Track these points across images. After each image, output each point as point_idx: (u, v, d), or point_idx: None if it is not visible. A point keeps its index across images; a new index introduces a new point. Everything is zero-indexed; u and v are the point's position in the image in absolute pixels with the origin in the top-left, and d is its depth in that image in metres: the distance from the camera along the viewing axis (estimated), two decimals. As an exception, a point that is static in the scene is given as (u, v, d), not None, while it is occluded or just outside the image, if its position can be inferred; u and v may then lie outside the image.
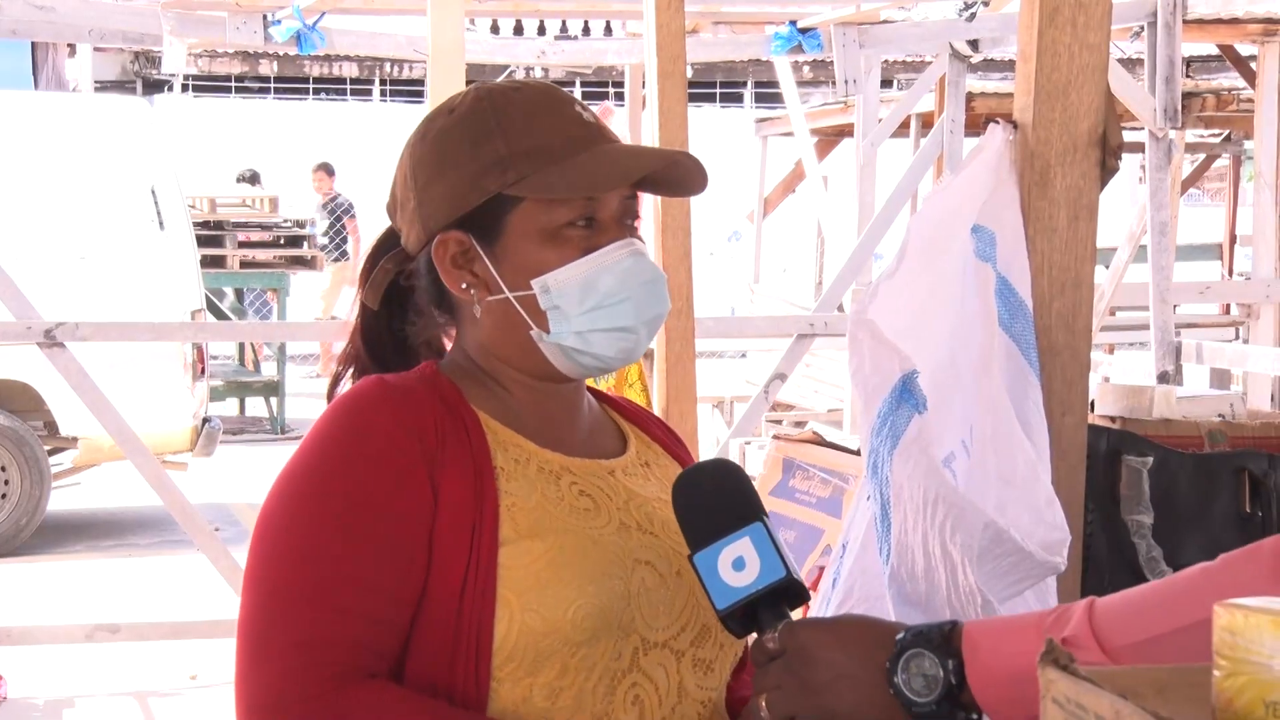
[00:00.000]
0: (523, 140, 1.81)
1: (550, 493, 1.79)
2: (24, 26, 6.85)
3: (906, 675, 1.56)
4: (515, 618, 1.71)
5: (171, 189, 9.97)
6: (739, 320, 10.08)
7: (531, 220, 1.81)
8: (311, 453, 1.76)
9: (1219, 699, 1.14)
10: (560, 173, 1.79)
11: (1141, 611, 1.52)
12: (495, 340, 1.85)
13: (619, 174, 1.81)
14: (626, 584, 1.76)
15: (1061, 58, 2.36)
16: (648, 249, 1.86)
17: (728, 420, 10.12)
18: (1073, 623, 1.53)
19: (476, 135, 1.83)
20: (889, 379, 2.13)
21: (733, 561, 1.63)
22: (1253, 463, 2.93)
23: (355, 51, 8.47)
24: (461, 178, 1.82)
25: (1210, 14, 7.76)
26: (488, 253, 1.82)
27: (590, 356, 1.82)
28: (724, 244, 19.20)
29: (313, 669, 1.67)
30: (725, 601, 1.63)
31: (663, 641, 1.79)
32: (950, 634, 1.57)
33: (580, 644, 1.73)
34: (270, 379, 13.96)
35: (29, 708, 6.40)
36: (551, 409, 1.87)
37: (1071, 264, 2.38)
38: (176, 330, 8.53)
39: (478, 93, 1.87)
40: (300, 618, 1.68)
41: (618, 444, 1.94)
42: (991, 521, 2.05)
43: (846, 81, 7.51)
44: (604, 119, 1.95)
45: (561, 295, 1.80)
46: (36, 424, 9.45)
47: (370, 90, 21.95)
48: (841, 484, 3.79)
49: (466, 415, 1.80)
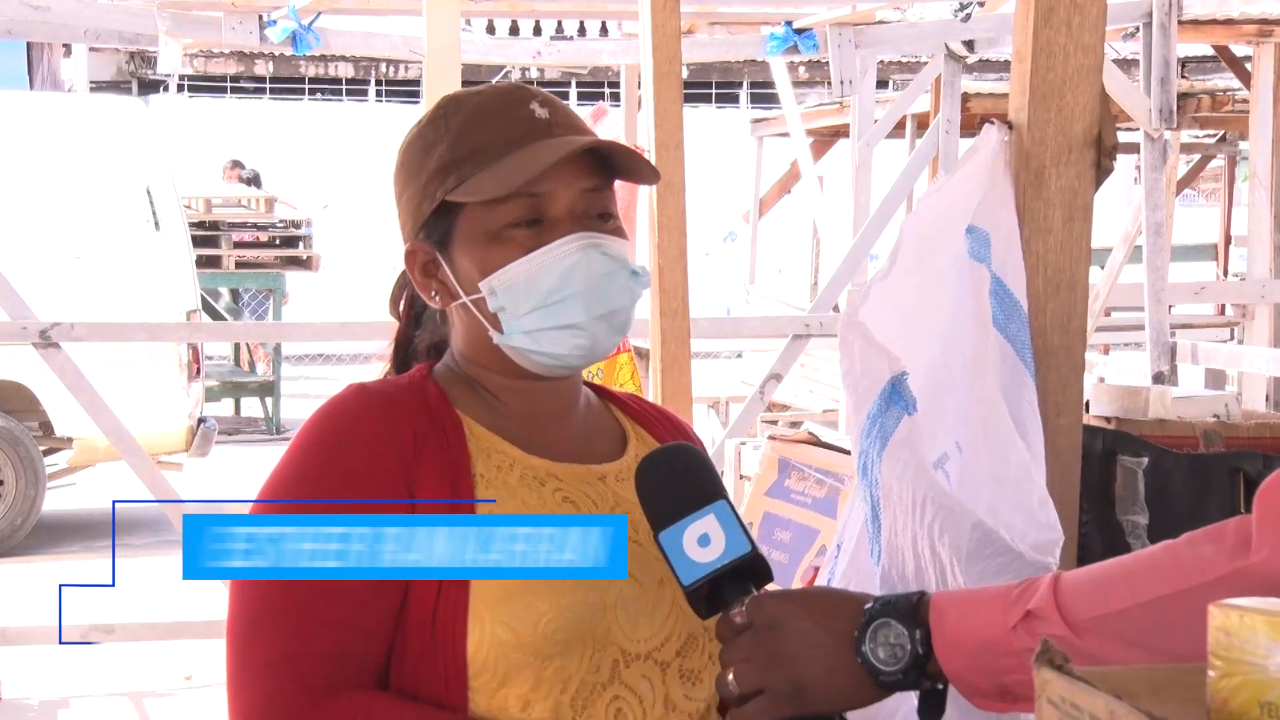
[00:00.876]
0: (464, 144, 1.81)
1: (531, 500, 1.78)
2: (19, 26, 6.84)
3: (874, 644, 1.57)
4: (486, 629, 1.70)
5: (167, 189, 9.97)
6: (734, 321, 10.08)
7: (475, 223, 1.80)
8: (291, 462, 1.77)
9: (1214, 699, 1.14)
10: (492, 173, 1.78)
11: (1105, 586, 1.53)
12: (467, 345, 1.86)
13: (536, 167, 1.77)
14: (602, 596, 1.75)
15: (1057, 58, 2.36)
16: (623, 242, 1.83)
17: (723, 421, 10.12)
18: (1038, 595, 1.54)
19: (428, 143, 1.84)
20: (878, 381, 2.13)
21: (698, 538, 1.63)
22: (1248, 463, 2.93)
23: (351, 52, 8.47)
24: (417, 187, 1.84)
25: (1205, 15, 7.77)
26: (446, 259, 1.83)
27: (543, 355, 1.81)
28: (719, 244, 19.21)
29: (299, 682, 1.67)
30: (691, 577, 1.63)
31: (645, 653, 1.78)
32: (918, 604, 1.57)
33: (551, 656, 1.71)
34: (265, 379, 13.96)
35: (24, 708, 6.40)
36: (540, 411, 1.86)
37: (1066, 264, 2.38)
38: (172, 331, 8.52)
39: (443, 100, 1.89)
40: (281, 629, 1.69)
41: (615, 447, 1.92)
42: (980, 522, 2.05)
43: (842, 82, 7.50)
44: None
45: (506, 296, 1.79)
46: (31, 424, 9.45)
47: (365, 91, 21.95)
48: (837, 484, 3.79)
49: (449, 422, 1.80)
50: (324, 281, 15.35)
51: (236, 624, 1.72)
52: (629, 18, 8.50)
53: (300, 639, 1.68)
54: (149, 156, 10.01)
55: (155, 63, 9.51)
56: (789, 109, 8.95)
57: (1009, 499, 2.17)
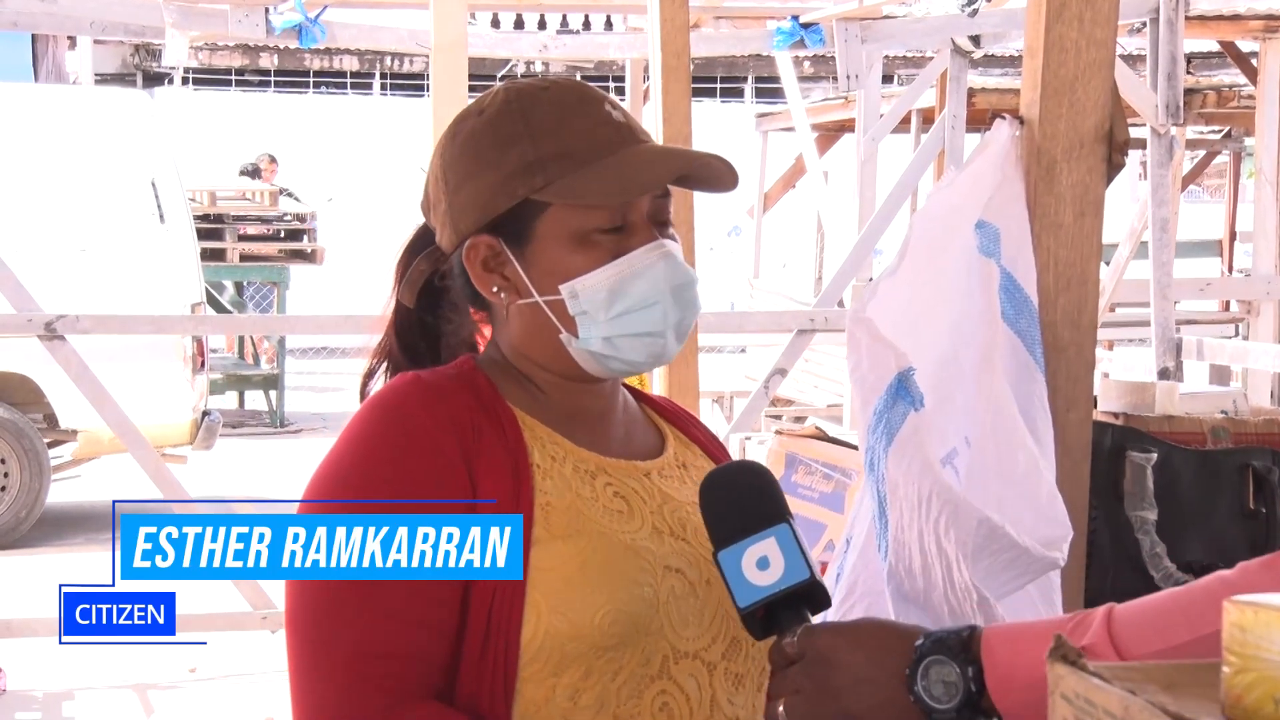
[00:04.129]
0: (551, 143, 1.78)
1: (585, 493, 1.78)
2: (25, 19, 6.84)
3: (927, 682, 1.57)
4: (542, 619, 1.70)
5: (172, 182, 9.97)
6: (739, 315, 10.08)
7: (561, 225, 1.78)
8: (353, 448, 1.75)
9: (1228, 695, 1.13)
10: (589, 177, 1.77)
11: (1160, 621, 1.52)
12: (526, 342, 1.84)
13: (649, 179, 1.78)
14: (656, 590, 1.75)
15: (1069, 53, 2.36)
16: (679, 249, 1.83)
17: (727, 415, 10.13)
18: (1091, 630, 1.54)
19: (504, 138, 1.80)
20: (885, 376, 2.13)
21: (757, 560, 1.63)
22: (1256, 459, 2.93)
23: (356, 45, 8.47)
24: (490, 182, 1.80)
25: (1212, 10, 7.77)
26: (517, 257, 1.81)
27: (619, 361, 1.80)
28: (724, 239, 19.21)
29: (370, 683, 1.66)
30: (748, 600, 1.63)
31: (693, 652, 1.77)
32: (969, 640, 1.58)
33: (607, 649, 1.71)
34: (270, 372, 13.97)
35: (29, 700, 6.40)
36: (587, 408, 1.86)
37: (1077, 260, 2.38)
38: (176, 323, 8.53)
39: (507, 93, 1.85)
40: (352, 625, 1.68)
41: (655, 445, 1.92)
42: (986, 518, 2.05)
43: (848, 77, 7.50)
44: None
45: (590, 300, 1.78)
46: (36, 417, 9.45)
47: (370, 84, 21.95)
48: (844, 479, 3.79)
49: (502, 411, 1.79)
50: (328, 274, 15.36)
51: (306, 620, 1.70)
52: (634, 11, 8.50)
53: (382, 637, 1.67)
54: (154, 149, 10.01)
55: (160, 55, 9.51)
56: (794, 103, 8.96)
57: (1018, 494, 2.17)
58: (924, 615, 2.09)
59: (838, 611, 2.26)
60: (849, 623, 1.73)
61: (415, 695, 1.68)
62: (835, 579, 2.38)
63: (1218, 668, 1.15)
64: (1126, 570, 2.82)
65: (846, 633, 1.64)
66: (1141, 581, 2.77)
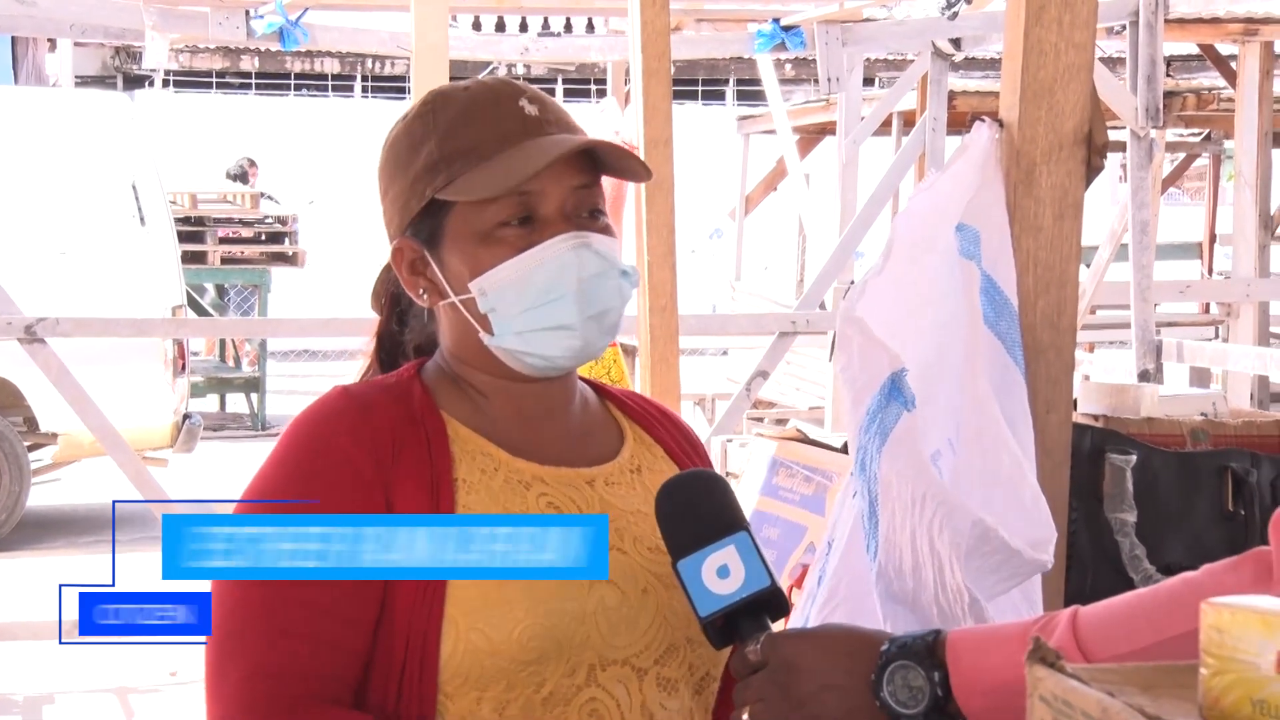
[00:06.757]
0: (453, 142, 1.78)
1: (514, 506, 1.75)
2: (4, 21, 6.83)
3: (893, 687, 1.56)
4: (461, 637, 1.68)
5: (152, 184, 9.95)
6: (720, 318, 10.08)
7: (466, 223, 1.78)
8: (272, 469, 1.75)
9: (1206, 697, 1.14)
10: (483, 172, 1.76)
11: (1125, 623, 1.52)
12: (455, 344, 1.83)
13: (530, 167, 1.74)
14: (582, 604, 1.72)
15: (1048, 56, 2.36)
16: (612, 240, 1.80)
17: (709, 418, 10.13)
18: (1057, 633, 1.54)
19: (416, 141, 1.81)
20: (878, 376, 2.12)
21: (717, 569, 1.63)
22: (1235, 461, 2.94)
23: (337, 47, 8.47)
24: (404, 185, 1.81)
25: (1191, 13, 7.79)
26: (434, 258, 1.80)
27: (536, 357, 1.78)
28: (705, 241, 19.19)
29: (265, 699, 1.66)
30: (709, 609, 1.62)
31: (623, 659, 1.75)
32: (934, 644, 1.57)
33: (528, 663, 1.69)
34: (251, 375, 13.94)
35: (8, 704, 6.38)
36: (529, 412, 1.83)
37: (1056, 262, 2.39)
38: (157, 326, 8.51)
39: (428, 95, 1.86)
40: (252, 643, 1.67)
41: (610, 448, 1.88)
42: (979, 520, 2.05)
43: (829, 79, 7.51)
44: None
45: (497, 297, 1.76)
46: (16, 420, 9.42)
47: (351, 87, 21.92)
48: (825, 481, 3.79)
49: (432, 424, 1.77)
50: (309, 277, 15.33)
51: (216, 632, 1.70)
52: (616, 14, 8.50)
53: (277, 653, 1.66)
54: (134, 152, 9.99)
55: (141, 58, 9.49)
56: (775, 106, 8.96)
57: (1002, 496, 2.18)
58: (913, 616, 2.09)
59: (820, 614, 2.27)
60: (813, 629, 1.72)
61: (314, 705, 1.67)
62: (817, 581, 2.38)
63: (1195, 669, 1.15)
64: (1106, 572, 2.83)
65: (810, 639, 1.64)
66: (1121, 583, 2.78)
